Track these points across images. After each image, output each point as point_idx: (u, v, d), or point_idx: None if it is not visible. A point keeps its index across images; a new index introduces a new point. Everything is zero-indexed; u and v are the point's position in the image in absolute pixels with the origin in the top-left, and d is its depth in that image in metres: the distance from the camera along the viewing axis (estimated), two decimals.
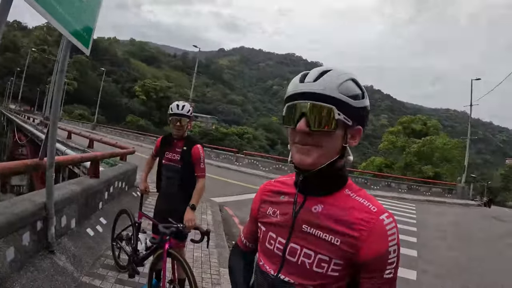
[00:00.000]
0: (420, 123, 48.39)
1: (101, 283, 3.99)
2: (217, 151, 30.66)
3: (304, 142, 1.15)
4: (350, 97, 1.13)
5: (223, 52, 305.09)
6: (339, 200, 1.20)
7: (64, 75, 3.50)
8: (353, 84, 1.16)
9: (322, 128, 1.11)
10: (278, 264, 1.25)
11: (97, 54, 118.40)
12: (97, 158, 6.13)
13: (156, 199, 4.07)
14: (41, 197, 3.74)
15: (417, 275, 6.71)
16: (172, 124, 3.76)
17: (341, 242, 1.14)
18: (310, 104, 1.12)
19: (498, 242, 11.62)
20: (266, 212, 1.35)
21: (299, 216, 1.22)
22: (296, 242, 1.21)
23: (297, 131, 1.14)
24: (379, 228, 1.13)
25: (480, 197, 36.55)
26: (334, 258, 1.14)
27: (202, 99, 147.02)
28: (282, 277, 1.23)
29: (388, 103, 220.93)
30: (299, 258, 1.19)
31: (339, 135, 1.15)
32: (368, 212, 1.16)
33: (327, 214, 1.18)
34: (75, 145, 16.43)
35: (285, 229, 1.25)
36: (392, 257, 1.13)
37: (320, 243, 1.16)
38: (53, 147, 3.67)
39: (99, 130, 50.27)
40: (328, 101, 1.11)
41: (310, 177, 1.19)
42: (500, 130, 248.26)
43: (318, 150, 1.14)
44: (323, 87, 1.11)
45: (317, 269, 1.16)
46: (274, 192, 1.37)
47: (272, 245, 1.28)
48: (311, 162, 1.14)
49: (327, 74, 1.14)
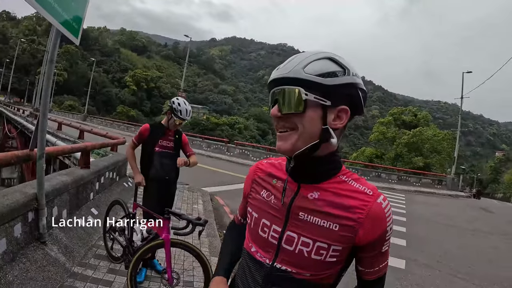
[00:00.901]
0: (411, 114, 48.58)
1: (93, 273, 4.01)
2: (208, 141, 30.66)
3: (280, 126, 1.16)
4: (319, 75, 1.09)
5: (215, 42, 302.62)
6: (335, 186, 1.19)
7: (53, 65, 3.48)
8: (328, 62, 1.13)
9: (291, 110, 1.11)
10: (273, 253, 1.23)
11: (87, 44, 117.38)
12: (88, 148, 6.09)
13: (147, 188, 4.12)
14: (32, 188, 3.73)
15: (406, 264, 6.80)
16: (174, 123, 4.13)
17: (339, 227, 1.14)
18: (277, 89, 1.14)
19: (487, 232, 11.78)
20: (259, 194, 1.32)
21: (295, 204, 1.20)
22: (293, 230, 1.19)
23: (272, 116, 1.17)
24: (378, 211, 1.14)
25: (469, 189, 37.09)
26: (332, 244, 1.14)
27: (193, 89, 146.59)
28: (278, 266, 1.21)
29: (379, 94, 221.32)
30: (296, 247, 1.18)
31: (314, 116, 1.11)
32: (364, 196, 1.16)
33: (324, 201, 1.17)
34: (66, 136, 16.26)
35: (280, 217, 1.22)
36: (388, 234, 1.18)
37: (319, 230, 1.15)
38: (43, 138, 3.65)
39: (89, 121, 49.87)
40: (293, 83, 1.10)
41: (303, 164, 1.19)
42: (491, 123, 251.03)
43: (294, 134, 1.13)
44: (288, 70, 1.11)
45: (315, 257, 1.15)
46: (266, 174, 1.35)
47: (266, 233, 1.25)
48: (288, 147, 1.14)
49: (297, 56, 1.15)
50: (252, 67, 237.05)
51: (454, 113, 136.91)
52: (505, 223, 15.16)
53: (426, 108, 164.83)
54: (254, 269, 1.29)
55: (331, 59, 1.13)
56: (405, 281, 5.94)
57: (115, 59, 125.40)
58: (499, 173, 69.97)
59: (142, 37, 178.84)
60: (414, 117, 47.49)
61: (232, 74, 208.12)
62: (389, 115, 50.26)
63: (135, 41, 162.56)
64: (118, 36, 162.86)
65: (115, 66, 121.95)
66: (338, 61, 1.13)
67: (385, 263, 1.23)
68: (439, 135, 41.86)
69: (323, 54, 1.14)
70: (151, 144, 4.10)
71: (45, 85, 3.47)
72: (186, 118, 4.10)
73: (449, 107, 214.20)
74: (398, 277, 6.06)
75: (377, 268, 1.21)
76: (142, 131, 4.11)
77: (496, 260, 8.13)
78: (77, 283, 3.70)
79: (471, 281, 6.36)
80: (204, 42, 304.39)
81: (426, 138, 41.30)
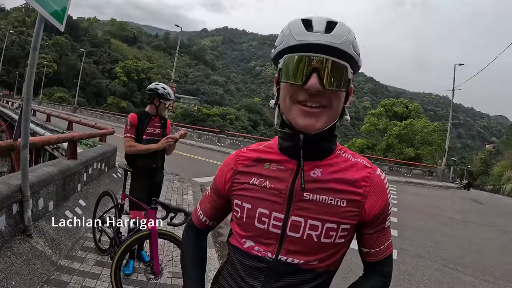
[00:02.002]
0: (402, 106, 48.82)
1: (80, 265, 3.94)
2: (199, 131, 30.74)
3: (315, 101, 1.01)
4: (358, 55, 1.04)
5: (206, 33, 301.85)
6: (336, 161, 1.13)
7: (37, 52, 3.37)
8: (356, 41, 1.06)
9: (337, 87, 1.01)
10: (276, 245, 1.11)
11: (77, 35, 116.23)
12: (74, 138, 5.97)
13: (134, 177, 4.07)
14: (17, 179, 3.63)
15: (397, 254, 6.80)
16: (162, 106, 4.17)
17: (347, 202, 1.08)
18: (327, 59, 0.98)
19: (477, 223, 11.89)
20: (249, 183, 1.16)
21: (298, 185, 1.09)
22: (298, 214, 1.08)
23: (308, 88, 0.99)
24: (379, 182, 1.12)
25: (460, 180, 37.39)
26: (342, 222, 1.08)
27: (184, 80, 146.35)
28: (284, 259, 1.10)
29: (371, 86, 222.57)
30: (304, 232, 1.07)
31: (344, 95, 1.07)
32: (365, 168, 1.13)
33: (328, 177, 1.09)
34: (54, 127, 16.16)
35: (282, 202, 1.10)
36: (390, 207, 1.16)
37: (327, 209, 1.07)
38: (27, 127, 3.54)
39: (79, 113, 49.67)
40: (344, 57, 1.00)
41: (306, 141, 1.08)
42: (481, 116, 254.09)
43: (328, 112, 1.03)
44: (340, 41, 0.99)
45: (325, 240, 1.07)
46: (253, 160, 1.20)
47: (266, 223, 1.11)
48: (321, 126, 1.03)
49: (339, 26, 1.01)
50: (243, 57, 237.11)
51: (445, 105, 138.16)
52: (495, 214, 15.34)
53: (418, 100, 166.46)
54: (251, 267, 1.15)
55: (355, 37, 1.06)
56: (396, 271, 5.94)
57: (105, 50, 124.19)
58: (489, 166, 70.73)
59: (132, 28, 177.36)
60: (405, 109, 47.77)
61: (223, 65, 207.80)
62: (380, 107, 50.51)
63: (126, 31, 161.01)
64: (108, 26, 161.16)
65: (106, 57, 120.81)
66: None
67: (389, 242, 1.19)
68: (430, 126, 42.14)
69: (353, 31, 1.05)
70: (139, 132, 4.04)
71: (28, 73, 3.36)
72: (173, 98, 4.25)
73: (440, 99, 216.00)
74: None
75: (382, 247, 1.17)
76: (132, 121, 4.02)
77: (487, 250, 8.19)
78: (63, 276, 3.63)
79: (463, 271, 6.40)
80: (195, 33, 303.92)
81: (417, 129, 41.59)
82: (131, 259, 4.05)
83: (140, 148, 3.97)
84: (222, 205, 1.31)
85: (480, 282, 5.97)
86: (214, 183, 1.31)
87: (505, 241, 9.50)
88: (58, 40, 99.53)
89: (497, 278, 6.28)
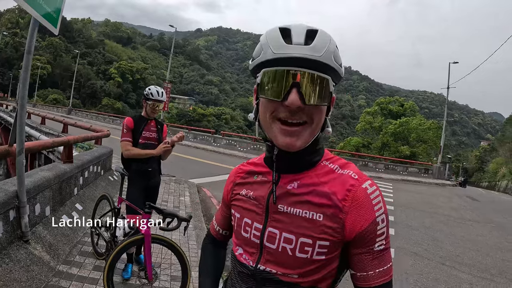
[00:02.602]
0: (397, 104, 49.00)
1: (79, 271, 3.92)
2: (194, 132, 30.76)
3: (295, 120, 0.98)
4: (340, 65, 1.00)
5: (201, 32, 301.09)
6: (317, 172, 1.08)
7: (31, 56, 3.34)
8: (338, 51, 1.02)
9: (318, 102, 0.97)
10: (257, 254, 1.12)
11: (71, 36, 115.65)
12: (70, 142, 5.94)
13: (131, 181, 4.07)
14: (13, 185, 3.61)
15: (394, 253, 6.84)
16: (150, 108, 4.08)
17: (324, 217, 1.01)
18: (307, 73, 0.94)
19: (473, 221, 11.93)
20: (240, 194, 1.20)
21: (274, 196, 1.08)
22: (274, 226, 1.07)
23: (288, 105, 0.95)
24: (362, 197, 1.02)
25: (455, 177, 37.52)
26: (318, 239, 1.01)
27: (179, 80, 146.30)
28: (262, 268, 1.09)
29: (366, 84, 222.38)
30: (279, 244, 1.06)
31: (325, 108, 1.02)
32: (349, 181, 1.05)
33: (305, 189, 1.06)
34: (49, 130, 16.08)
35: (261, 212, 1.11)
36: (380, 227, 1.02)
37: (301, 222, 1.03)
38: (23, 132, 3.52)
39: (74, 114, 49.45)
40: (325, 70, 0.96)
41: (286, 154, 1.05)
42: (476, 113, 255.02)
43: (308, 129, 1.00)
44: (320, 53, 0.94)
45: (300, 255, 1.03)
46: (247, 173, 1.23)
47: (248, 233, 1.14)
48: (301, 144, 1.00)
49: (319, 36, 0.96)
50: (238, 57, 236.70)
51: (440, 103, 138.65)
52: (491, 211, 15.36)
53: (413, 98, 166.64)
54: (241, 273, 1.18)
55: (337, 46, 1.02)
56: (394, 270, 5.96)
57: (100, 51, 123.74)
58: (484, 162, 70.90)
59: (127, 28, 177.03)
60: (400, 107, 47.97)
61: (218, 64, 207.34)
62: (375, 105, 50.75)
63: (120, 32, 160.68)
64: (102, 27, 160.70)
65: (100, 58, 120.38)
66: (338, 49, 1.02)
67: (383, 269, 1.03)
68: (425, 124, 42.29)
69: (334, 40, 1.01)
70: (135, 136, 4.04)
71: (22, 77, 3.35)
72: (158, 98, 4.07)
73: (435, 97, 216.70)
74: None
75: (372, 273, 1.02)
76: (129, 124, 4.02)
77: (484, 248, 8.22)
78: (62, 282, 3.61)
79: (460, 269, 6.44)
80: (190, 33, 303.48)
81: (412, 127, 41.72)
82: (129, 263, 4.05)
83: (137, 152, 3.97)
84: (230, 215, 1.31)
85: (477, 280, 6.00)
86: (223, 195, 1.35)
87: (502, 239, 9.52)
88: (52, 42, 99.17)
89: (494, 275, 6.32)
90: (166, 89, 31.71)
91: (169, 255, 4.41)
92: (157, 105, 4.10)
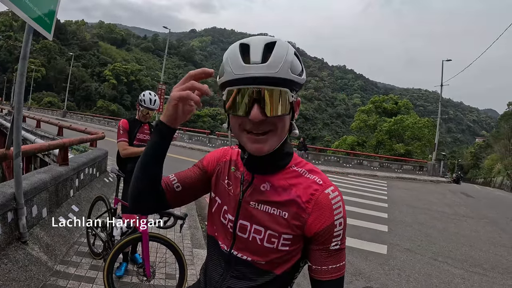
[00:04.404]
0: (392, 102, 49.10)
1: (76, 270, 3.99)
2: (190, 133, 30.79)
3: (260, 130, 1.08)
4: (298, 75, 1.08)
5: (195, 33, 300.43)
6: (286, 176, 1.20)
7: (26, 62, 3.41)
8: (297, 59, 1.09)
9: (279, 114, 1.05)
10: (231, 240, 1.25)
11: (65, 38, 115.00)
12: (65, 145, 6.01)
13: (127, 181, 4.17)
14: (10, 187, 3.67)
15: (387, 249, 6.94)
16: (142, 113, 4.28)
17: (289, 215, 1.14)
18: (265, 90, 1.03)
19: (467, 217, 12.02)
20: (223, 181, 1.32)
21: (247, 194, 1.21)
22: (245, 219, 1.21)
23: (251, 119, 1.04)
24: (324, 201, 1.13)
25: (450, 174, 37.68)
26: (282, 232, 1.15)
27: (174, 81, 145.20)
28: (235, 253, 1.23)
29: (360, 83, 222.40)
30: (250, 235, 1.19)
31: (288, 116, 1.11)
32: (314, 186, 1.16)
33: (274, 191, 1.18)
34: (45, 133, 16.08)
35: (234, 206, 1.24)
36: (337, 230, 1.14)
37: (269, 218, 1.17)
38: (19, 136, 3.58)
39: (69, 117, 49.29)
40: (282, 83, 1.03)
41: (252, 158, 1.18)
42: (471, 110, 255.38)
43: (274, 136, 1.10)
44: (276, 69, 1.01)
45: (268, 245, 1.16)
46: (229, 160, 1.35)
47: (226, 220, 1.26)
48: (268, 149, 1.11)
49: (276, 50, 1.03)
50: None
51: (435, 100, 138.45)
52: (485, 207, 15.49)
53: (407, 95, 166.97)
54: (217, 256, 1.30)
55: (295, 53, 1.09)
56: (387, 266, 6.05)
57: (94, 53, 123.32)
58: (479, 159, 71.27)
59: (121, 30, 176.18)
60: (395, 105, 48.04)
61: (213, 65, 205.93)
62: (370, 103, 50.77)
63: (114, 34, 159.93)
64: (96, 29, 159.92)
65: (94, 60, 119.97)
66: (298, 55, 1.10)
67: (336, 266, 1.15)
68: (419, 122, 42.39)
69: (291, 48, 1.08)
70: (130, 138, 4.16)
71: (18, 82, 3.41)
72: (150, 107, 4.23)
73: (430, 94, 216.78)
74: (380, 263, 6.17)
75: (325, 267, 1.15)
76: (124, 125, 4.15)
77: (477, 243, 8.30)
78: (59, 281, 3.68)
79: (453, 264, 6.51)
80: (184, 34, 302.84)
81: (407, 125, 41.80)
82: (125, 262, 4.13)
83: (134, 151, 4.07)
84: (198, 176, 1.36)
85: (470, 274, 6.07)
86: (201, 160, 1.42)
87: (495, 234, 9.61)
88: (46, 44, 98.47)
89: (486, 270, 6.40)
90: (161, 90, 31.68)
91: (164, 254, 4.50)
92: (147, 112, 4.27)
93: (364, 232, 7.99)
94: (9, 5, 2.78)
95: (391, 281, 5.44)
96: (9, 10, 11.17)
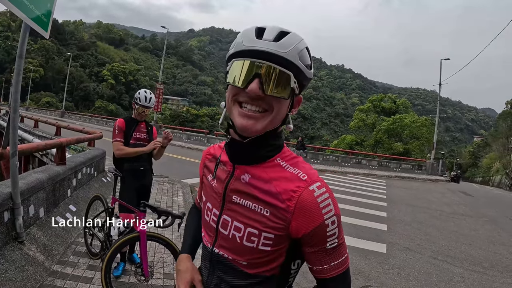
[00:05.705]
0: (390, 101, 49.16)
1: (73, 270, 3.96)
2: (188, 133, 30.83)
3: (255, 105, 1.04)
4: (306, 66, 1.06)
5: (193, 33, 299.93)
6: (267, 169, 1.12)
7: (23, 60, 3.38)
8: (307, 52, 1.07)
9: (278, 94, 1.02)
10: (213, 237, 1.22)
11: (63, 39, 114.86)
12: (63, 144, 5.96)
13: (124, 180, 4.14)
14: (7, 187, 3.64)
15: (387, 248, 6.93)
16: (138, 112, 4.21)
17: (270, 213, 1.07)
18: (270, 66, 1.01)
19: (466, 215, 12.03)
20: (207, 178, 1.30)
21: (229, 186, 1.16)
22: (228, 214, 1.16)
23: (248, 92, 1.02)
24: (309, 199, 1.04)
25: (449, 173, 37.71)
26: (263, 231, 1.08)
27: (172, 81, 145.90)
28: (216, 251, 1.20)
29: (359, 82, 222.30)
30: (230, 231, 1.14)
31: (287, 102, 1.08)
32: (296, 182, 1.07)
33: (254, 184, 1.11)
34: (42, 133, 16.04)
35: (218, 200, 1.19)
36: (331, 229, 1.06)
37: (249, 214, 1.10)
38: (15, 135, 3.55)
39: (67, 117, 49.24)
40: (288, 66, 1.01)
41: (242, 144, 1.12)
42: (469, 109, 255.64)
43: (268, 117, 1.05)
44: (285, 50, 1.00)
45: (247, 243, 1.11)
46: (213, 157, 1.32)
47: (209, 217, 1.23)
48: (259, 129, 1.05)
49: (289, 36, 1.03)
50: None
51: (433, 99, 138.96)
52: (483, 206, 15.53)
53: (405, 95, 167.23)
54: (204, 253, 1.29)
55: (307, 49, 1.08)
56: (386, 265, 6.04)
57: (92, 53, 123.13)
58: (478, 158, 71.44)
59: (119, 30, 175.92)
60: (393, 104, 48.09)
61: (211, 65, 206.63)
62: (368, 102, 50.84)
63: (112, 34, 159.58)
64: (94, 29, 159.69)
65: (92, 60, 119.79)
66: (310, 53, 1.09)
67: (336, 262, 1.10)
68: (418, 121, 42.45)
69: (305, 42, 1.07)
70: (126, 137, 4.12)
71: (14, 81, 3.37)
72: (145, 105, 4.16)
73: (428, 93, 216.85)
74: (379, 261, 6.15)
75: (327, 266, 1.10)
76: (120, 125, 4.12)
77: (476, 242, 8.30)
78: (57, 281, 3.65)
79: (452, 263, 6.50)
80: (182, 33, 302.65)
81: (406, 124, 41.86)
82: (122, 261, 4.12)
83: (128, 151, 4.04)
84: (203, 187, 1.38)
85: (469, 273, 6.06)
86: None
87: (494, 232, 9.62)
88: (44, 44, 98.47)
89: (486, 268, 6.40)
90: (159, 90, 31.69)
91: (162, 253, 4.47)
92: (143, 111, 4.21)
93: (363, 231, 7.98)
94: (8, 5, 2.77)
95: (390, 280, 5.43)
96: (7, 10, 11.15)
